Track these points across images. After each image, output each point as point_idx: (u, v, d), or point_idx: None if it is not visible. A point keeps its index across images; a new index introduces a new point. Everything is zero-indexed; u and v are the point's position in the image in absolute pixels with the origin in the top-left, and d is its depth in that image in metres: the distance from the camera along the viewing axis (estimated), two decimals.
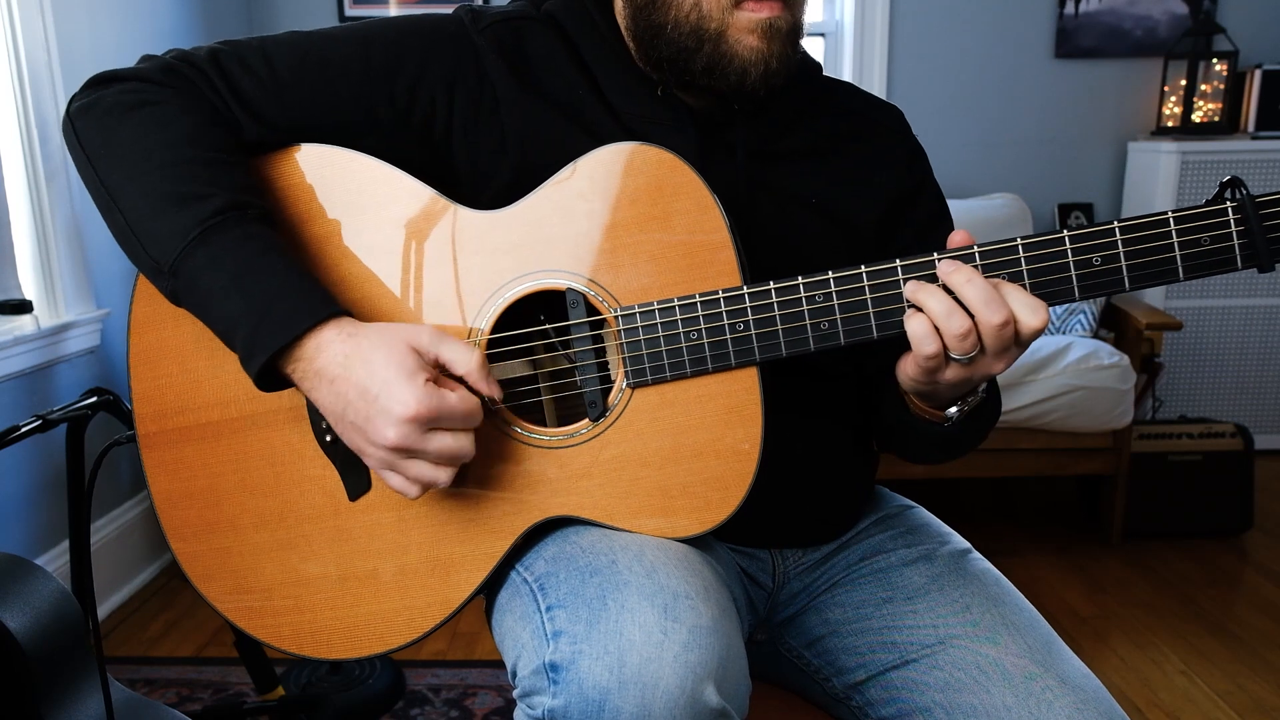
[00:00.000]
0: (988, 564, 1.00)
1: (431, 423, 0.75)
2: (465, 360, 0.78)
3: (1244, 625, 2.21)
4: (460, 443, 0.77)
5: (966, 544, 1.03)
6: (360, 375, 0.76)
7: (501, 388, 0.81)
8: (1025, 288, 0.80)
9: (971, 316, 0.77)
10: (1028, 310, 0.77)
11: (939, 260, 0.80)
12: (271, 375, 0.79)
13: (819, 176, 0.98)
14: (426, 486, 0.79)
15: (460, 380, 0.79)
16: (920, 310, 0.79)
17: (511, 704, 0.80)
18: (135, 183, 0.82)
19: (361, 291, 0.87)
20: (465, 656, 2.07)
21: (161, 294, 0.83)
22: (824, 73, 1.05)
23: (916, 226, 1.01)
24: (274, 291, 0.78)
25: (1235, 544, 2.62)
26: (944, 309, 0.78)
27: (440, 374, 0.79)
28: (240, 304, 0.78)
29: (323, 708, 1.76)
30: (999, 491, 3.03)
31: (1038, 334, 0.78)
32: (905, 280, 0.80)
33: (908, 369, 0.83)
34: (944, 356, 0.79)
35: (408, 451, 0.76)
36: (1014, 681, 0.86)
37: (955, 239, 0.82)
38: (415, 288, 0.87)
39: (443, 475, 0.78)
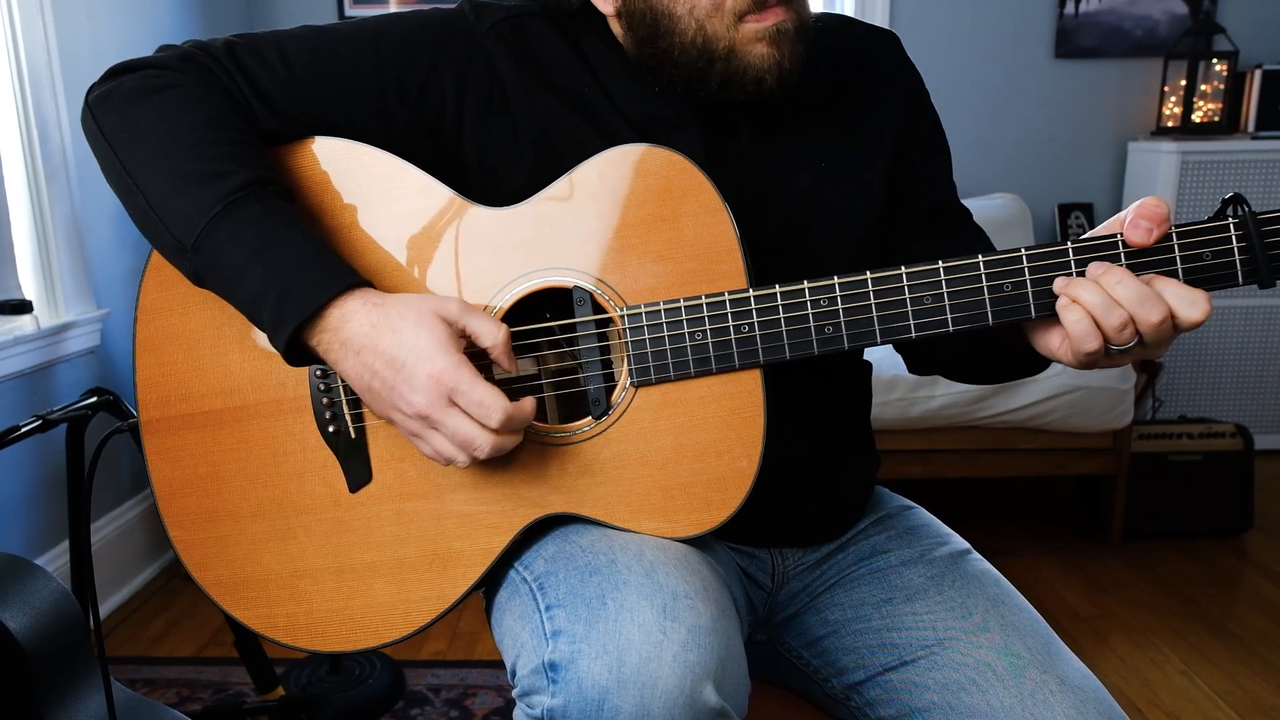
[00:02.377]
0: (987, 564, 1.00)
1: (450, 394, 0.76)
2: (491, 333, 0.79)
3: (1244, 625, 2.21)
4: (473, 432, 0.77)
5: (966, 544, 1.03)
6: (388, 343, 0.77)
7: (506, 388, 0.81)
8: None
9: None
10: (1187, 304, 0.77)
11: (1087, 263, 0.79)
12: (298, 348, 0.80)
13: (824, 137, 0.97)
14: (448, 461, 0.79)
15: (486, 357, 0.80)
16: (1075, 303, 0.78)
17: (511, 704, 0.80)
18: (157, 164, 0.83)
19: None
20: (465, 656, 2.07)
21: (184, 275, 0.84)
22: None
23: (916, 151, 1.01)
24: (298, 263, 0.79)
25: (1235, 544, 2.62)
26: (1101, 304, 0.77)
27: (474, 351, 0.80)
28: (264, 277, 0.79)
29: (323, 708, 1.76)
30: (999, 491, 3.03)
31: (1198, 325, 0.78)
32: (1033, 268, 0.80)
33: (1057, 352, 0.83)
34: (1105, 350, 0.79)
35: (429, 421, 0.77)
36: (1013, 682, 0.86)
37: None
38: (423, 283, 0.87)
39: (460, 457, 0.78)
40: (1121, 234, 0.79)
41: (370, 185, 0.88)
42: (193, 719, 1.43)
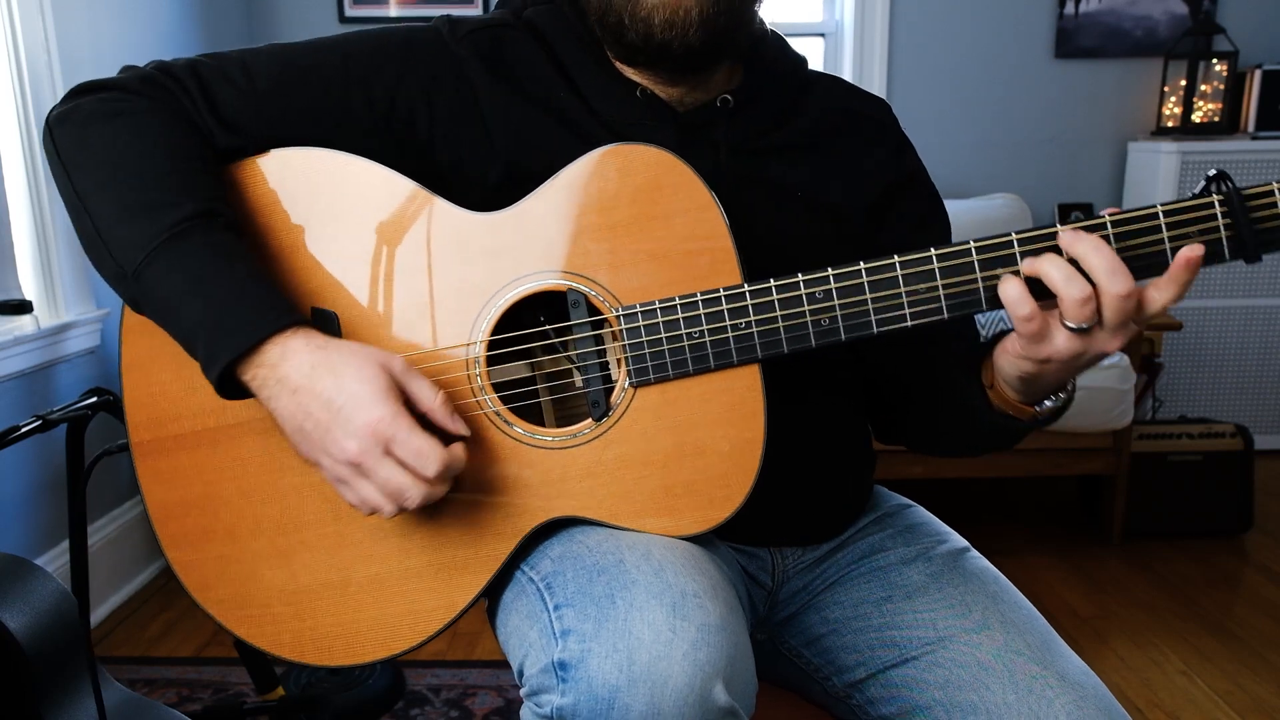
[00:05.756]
0: (986, 562, 1.01)
1: (387, 444, 0.75)
2: (429, 396, 0.79)
3: (1244, 625, 2.21)
4: (405, 483, 0.76)
5: (965, 542, 1.03)
6: (326, 385, 0.76)
7: (507, 391, 0.81)
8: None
9: (1094, 286, 0.75)
10: (1158, 287, 0.75)
11: (1060, 230, 0.77)
12: (231, 382, 0.79)
13: (804, 169, 0.97)
14: (372, 510, 0.78)
15: (424, 420, 0.79)
16: (1014, 277, 0.77)
17: (511, 704, 0.80)
18: (106, 190, 0.82)
19: (362, 295, 0.87)
20: (465, 656, 2.07)
21: (124, 301, 0.84)
22: (811, 68, 1.04)
23: (907, 222, 1.01)
24: (234, 297, 0.78)
25: (1235, 544, 2.62)
26: (1063, 275, 0.75)
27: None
28: (200, 309, 0.78)
29: (323, 708, 1.76)
30: (999, 491, 3.03)
31: (1166, 308, 0.76)
32: (1024, 251, 0.78)
33: (1015, 347, 0.81)
34: (1059, 322, 0.76)
35: (361, 469, 0.76)
36: (1013, 679, 0.86)
37: None
38: (416, 291, 0.87)
39: (386, 507, 0.77)
40: (1108, 214, 0.78)
41: (355, 194, 0.87)
42: (193, 719, 1.43)
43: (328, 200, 0.88)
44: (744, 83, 0.97)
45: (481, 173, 0.91)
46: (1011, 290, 0.77)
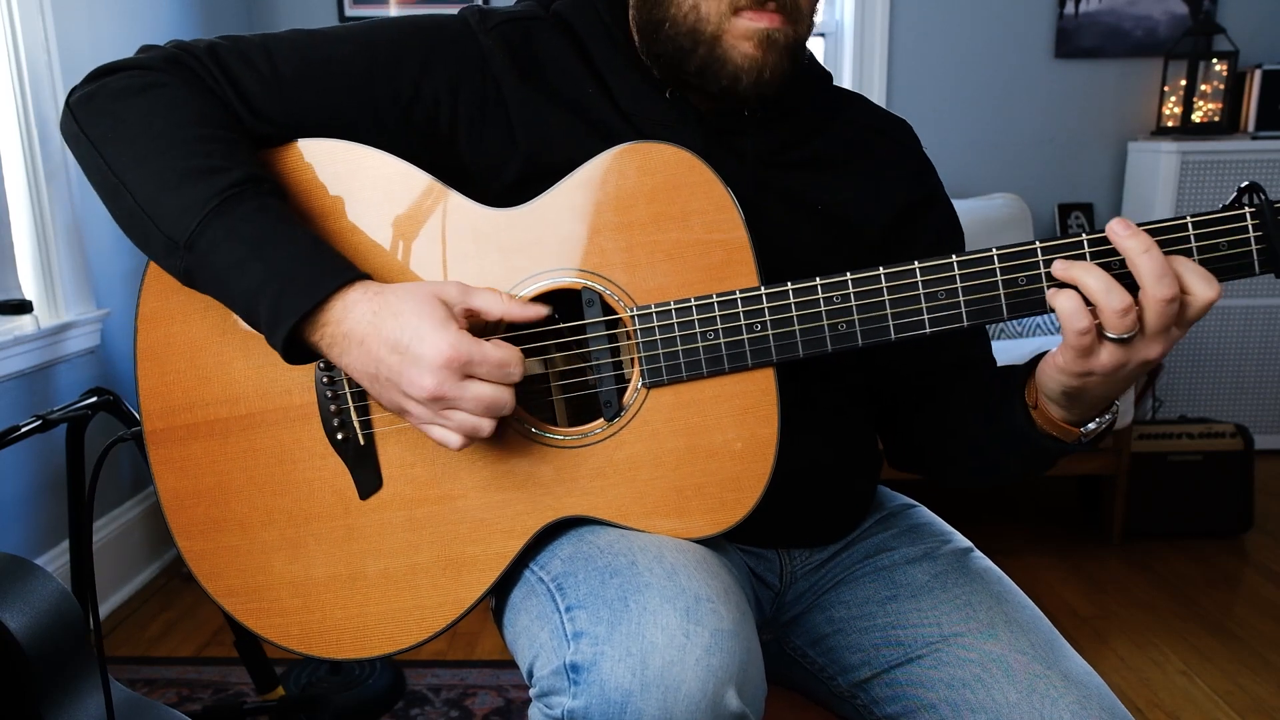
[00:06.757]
0: (989, 562, 1.01)
1: (466, 368, 0.75)
2: (497, 304, 0.79)
3: (1244, 625, 2.21)
4: (497, 392, 0.76)
5: (968, 542, 1.03)
6: (390, 329, 0.76)
7: (518, 393, 0.81)
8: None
9: (1132, 292, 0.74)
10: (1203, 283, 0.74)
11: (1112, 223, 0.76)
12: (297, 344, 0.79)
13: (825, 184, 0.97)
14: (470, 436, 0.78)
15: (495, 328, 0.80)
16: (1066, 288, 0.76)
17: (512, 704, 0.80)
18: (146, 162, 0.81)
19: None
20: (465, 656, 2.07)
21: (172, 275, 0.83)
22: (834, 82, 1.04)
23: (922, 243, 1.00)
24: (296, 258, 0.78)
25: (1235, 544, 2.63)
26: (1103, 285, 0.74)
27: (473, 326, 0.79)
28: (261, 273, 0.77)
29: (323, 708, 1.75)
30: (999, 491, 3.03)
31: (1209, 308, 0.75)
32: (1047, 260, 0.78)
33: (1057, 360, 0.79)
34: (1098, 335, 0.76)
35: (445, 400, 0.76)
36: (1017, 678, 0.86)
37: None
38: None
39: (485, 424, 0.77)
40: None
41: (373, 187, 0.87)
42: (193, 719, 1.42)
43: (344, 194, 0.88)
44: (774, 95, 0.96)
45: (502, 167, 0.91)
46: (1068, 302, 0.75)
